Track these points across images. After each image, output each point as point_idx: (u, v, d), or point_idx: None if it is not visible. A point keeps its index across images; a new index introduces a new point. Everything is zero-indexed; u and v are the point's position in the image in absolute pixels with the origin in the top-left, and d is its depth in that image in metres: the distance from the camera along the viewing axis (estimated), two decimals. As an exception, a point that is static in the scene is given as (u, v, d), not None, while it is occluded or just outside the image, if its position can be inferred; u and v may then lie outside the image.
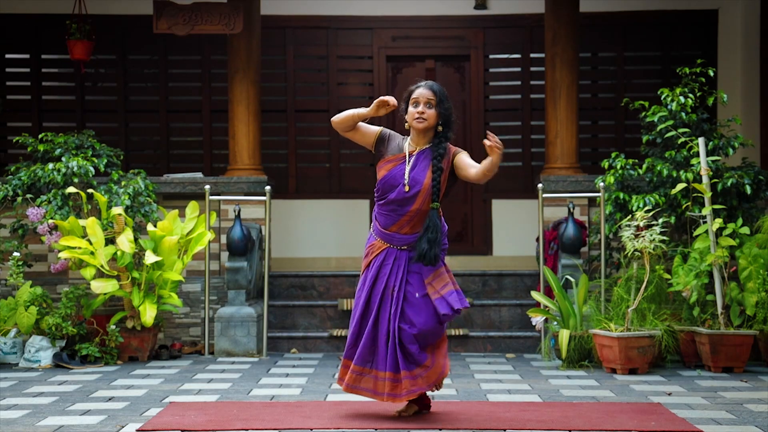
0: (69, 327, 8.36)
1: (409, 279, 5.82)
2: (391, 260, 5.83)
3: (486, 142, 5.57)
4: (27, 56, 11.66)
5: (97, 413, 6.14)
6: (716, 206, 8.18)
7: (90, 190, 8.76)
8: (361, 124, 5.90)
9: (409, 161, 5.80)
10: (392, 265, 5.83)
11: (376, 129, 5.93)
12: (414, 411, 5.96)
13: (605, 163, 8.93)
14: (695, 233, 8.24)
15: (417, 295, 5.80)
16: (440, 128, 5.80)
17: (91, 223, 8.42)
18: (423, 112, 5.74)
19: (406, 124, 5.85)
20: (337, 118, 5.87)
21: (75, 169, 8.76)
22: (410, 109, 5.80)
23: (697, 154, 8.28)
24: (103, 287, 8.33)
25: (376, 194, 5.88)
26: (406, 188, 5.75)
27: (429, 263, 5.76)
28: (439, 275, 5.85)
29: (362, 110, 5.83)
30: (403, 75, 11.63)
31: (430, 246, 5.73)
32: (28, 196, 8.92)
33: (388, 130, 5.96)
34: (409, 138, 5.91)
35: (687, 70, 8.78)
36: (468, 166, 5.79)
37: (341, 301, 9.65)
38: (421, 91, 5.79)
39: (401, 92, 6.04)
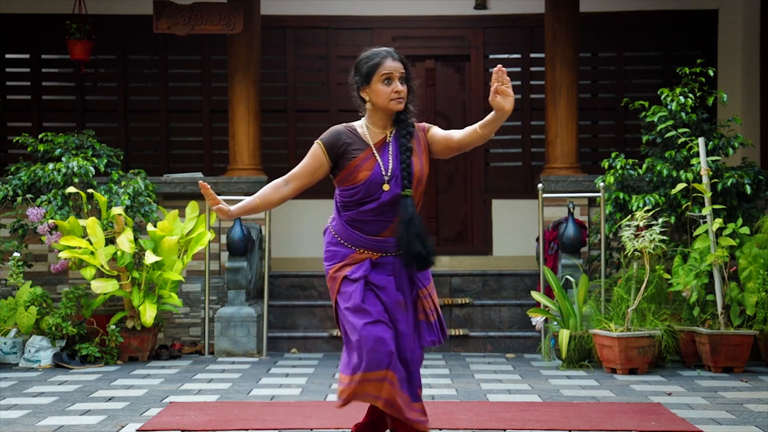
0: (69, 327, 8.36)
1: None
2: (390, 270, 4.70)
3: (495, 84, 4.42)
4: (27, 56, 11.66)
5: (97, 413, 6.14)
6: (716, 206, 8.18)
7: (90, 190, 8.76)
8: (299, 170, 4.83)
9: (381, 153, 4.67)
10: (394, 276, 4.70)
11: (318, 152, 4.72)
12: None
13: (605, 163, 8.93)
14: (695, 233, 8.24)
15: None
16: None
17: (91, 223, 8.42)
18: (400, 91, 4.61)
19: (368, 105, 4.67)
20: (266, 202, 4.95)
21: (75, 169, 8.76)
22: (380, 87, 4.60)
23: (697, 154, 8.28)
24: (103, 287, 8.33)
25: (352, 198, 4.75)
26: (386, 186, 4.61)
27: (427, 267, 4.67)
28: (433, 287, 4.82)
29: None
30: (403, 75, 11.61)
31: (423, 244, 4.57)
32: (28, 196, 8.92)
33: (334, 133, 4.71)
34: (364, 122, 4.73)
35: (687, 70, 8.77)
36: (449, 134, 4.68)
37: (341, 301, 9.63)
38: (393, 65, 4.61)
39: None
